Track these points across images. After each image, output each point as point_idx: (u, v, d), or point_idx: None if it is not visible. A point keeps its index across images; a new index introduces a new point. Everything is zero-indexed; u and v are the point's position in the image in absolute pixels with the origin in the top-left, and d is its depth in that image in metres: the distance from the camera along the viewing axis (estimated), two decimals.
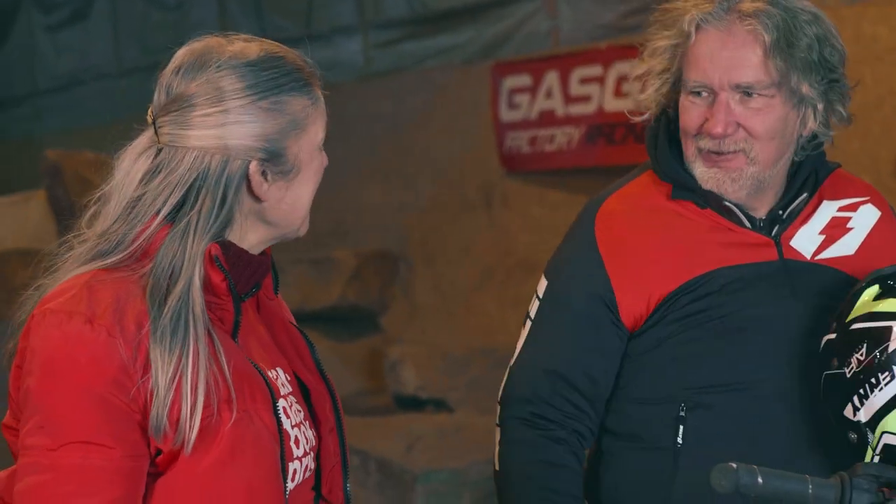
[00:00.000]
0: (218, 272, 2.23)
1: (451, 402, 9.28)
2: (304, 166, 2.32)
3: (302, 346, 2.43)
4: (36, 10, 14.63)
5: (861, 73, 8.43)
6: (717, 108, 2.75)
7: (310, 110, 2.31)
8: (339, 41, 12.17)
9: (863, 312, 2.57)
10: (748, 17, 2.75)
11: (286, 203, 2.32)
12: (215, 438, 2.17)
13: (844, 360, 2.54)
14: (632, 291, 2.79)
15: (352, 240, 11.66)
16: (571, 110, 10.12)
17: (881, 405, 2.48)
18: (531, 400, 2.82)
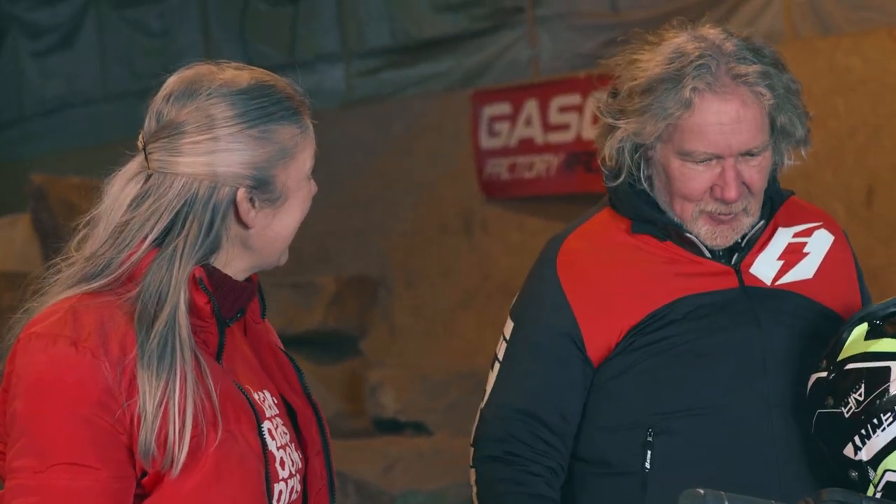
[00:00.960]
0: (202, 295, 2.22)
1: (430, 424, 9.27)
2: (292, 194, 2.31)
3: (289, 369, 2.41)
4: (23, 37, 14.62)
5: (834, 104, 8.48)
6: (729, 174, 2.73)
7: (298, 139, 2.33)
8: (322, 69, 12.18)
9: (856, 352, 2.57)
10: (752, 83, 2.72)
11: (272, 231, 2.31)
12: (200, 459, 2.16)
13: (841, 399, 2.55)
14: (598, 326, 2.79)
15: (334, 264, 11.66)
16: (550, 138, 10.14)
17: (884, 445, 2.49)
18: (504, 439, 2.82)
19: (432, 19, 11.36)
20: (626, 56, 2.83)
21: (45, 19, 14.46)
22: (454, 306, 10.95)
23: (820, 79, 8.44)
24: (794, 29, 8.80)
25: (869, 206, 8.48)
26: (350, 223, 11.68)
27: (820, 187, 8.44)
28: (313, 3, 12.18)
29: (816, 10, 8.74)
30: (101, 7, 13.95)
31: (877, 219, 8.45)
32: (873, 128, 8.44)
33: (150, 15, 13.58)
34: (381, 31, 11.80)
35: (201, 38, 13.12)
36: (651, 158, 2.83)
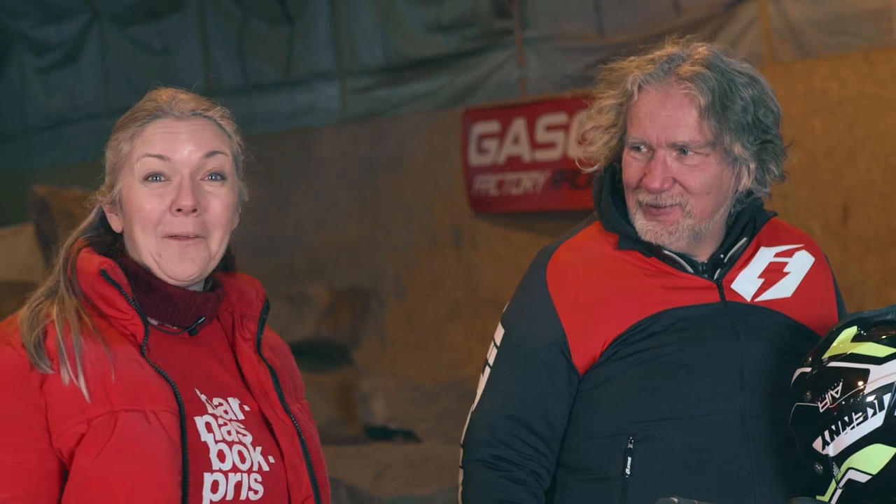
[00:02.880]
0: (109, 287, 2.31)
1: (420, 432, 9.26)
2: (125, 198, 2.38)
3: (269, 386, 2.45)
4: (28, 53, 14.62)
5: (812, 125, 8.50)
6: (655, 164, 2.79)
7: (132, 142, 2.38)
8: (317, 87, 12.19)
9: (841, 352, 2.60)
10: (685, 81, 2.78)
11: (128, 234, 2.39)
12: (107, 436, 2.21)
13: (818, 394, 2.57)
14: (584, 335, 2.82)
15: (327, 277, 11.65)
16: (537, 156, 10.15)
17: (851, 443, 2.51)
18: (491, 443, 2.83)
19: (424, 40, 11.38)
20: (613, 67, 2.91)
21: (49, 36, 14.46)
22: (443, 318, 10.95)
23: (798, 100, 8.46)
24: (774, 52, 8.82)
25: (844, 224, 8.50)
26: (343, 237, 11.68)
27: (797, 204, 8.46)
28: (309, 22, 12.19)
29: (795, 34, 8.76)
30: (104, 25, 13.95)
31: (852, 236, 8.46)
32: (849, 148, 8.46)
33: (151, 33, 13.58)
34: (374, 50, 11.80)
35: (201, 56, 13.12)
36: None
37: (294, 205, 11.95)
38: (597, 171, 2.94)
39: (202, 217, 2.35)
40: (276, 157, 12.22)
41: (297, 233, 11.93)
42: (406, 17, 11.48)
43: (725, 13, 9.18)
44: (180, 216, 2.33)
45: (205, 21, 13.07)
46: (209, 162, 2.36)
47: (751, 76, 2.83)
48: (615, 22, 9.91)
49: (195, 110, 2.39)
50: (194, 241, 2.35)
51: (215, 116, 2.41)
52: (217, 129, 2.40)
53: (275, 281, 11.93)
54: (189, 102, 2.41)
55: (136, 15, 13.60)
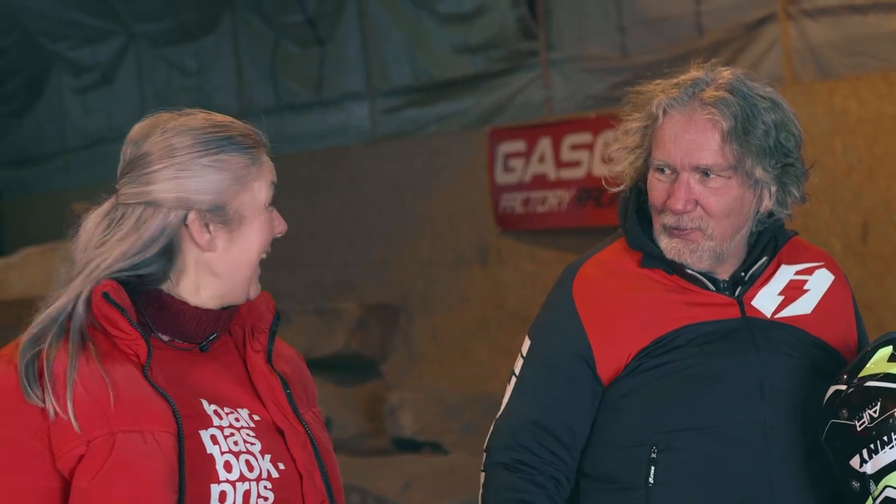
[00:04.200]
0: (111, 308, 2.30)
1: (446, 444, 9.26)
2: (247, 221, 2.37)
3: (280, 395, 2.46)
4: (66, 74, 14.69)
5: (832, 144, 8.48)
6: (678, 186, 2.81)
7: (251, 169, 2.39)
8: (348, 107, 12.22)
9: (879, 371, 2.60)
10: (708, 106, 2.80)
11: (232, 255, 2.37)
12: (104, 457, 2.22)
13: (856, 413, 2.57)
14: (608, 348, 2.83)
15: (357, 292, 11.67)
16: (562, 174, 10.15)
17: (889, 462, 2.52)
18: (513, 447, 2.85)
19: (452, 61, 11.40)
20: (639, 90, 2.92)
21: (87, 58, 14.53)
22: (470, 333, 10.95)
23: (819, 120, 8.44)
24: (795, 73, 8.81)
25: (864, 242, 8.47)
26: (373, 253, 11.69)
27: (818, 223, 8.43)
28: (340, 44, 12.22)
29: (815, 55, 8.74)
30: (140, 47, 14.01)
31: (871, 254, 8.43)
32: (868, 167, 8.43)
33: (186, 54, 13.64)
34: (404, 71, 11.83)
35: (234, 77, 13.16)
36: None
37: (325, 222, 11.97)
38: (622, 191, 2.96)
39: None
40: (307, 175, 12.25)
41: (328, 249, 11.94)
42: (434, 38, 11.50)
43: (747, 35, 9.17)
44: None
45: (238, 43, 13.12)
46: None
47: (773, 101, 2.84)
48: (638, 43, 9.91)
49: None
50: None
51: None
52: None
53: (306, 296, 11.95)
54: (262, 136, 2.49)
55: (171, 37, 13.66)
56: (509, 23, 10.92)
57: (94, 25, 14.19)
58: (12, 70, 15.32)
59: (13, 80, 15.40)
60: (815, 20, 8.80)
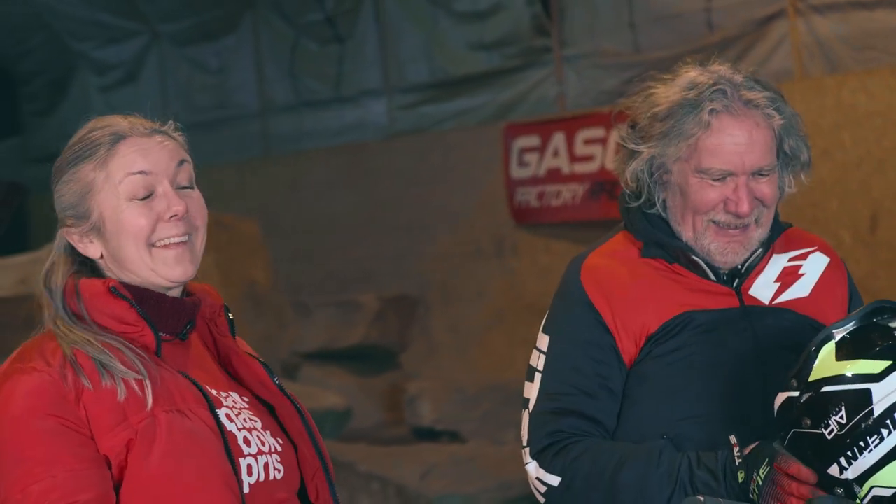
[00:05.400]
0: (119, 301, 2.33)
1: (464, 433, 9.26)
2: (112, 218, 2.37)
3: (261, 373, 2.48)
4: (90, 73, 14.71)
5: (841, 138, 8.47)
6: (742, 190, 2.79)
7: (97, 172, 2.38)
8: (366, 103, 12.22)
9: (831, 374, 2.48)
10: (763, 108, 2.79)
11: (117, 253, 2.38)
12: (155, 437, 2.23)
13: (820, 421, 2.46)
14: (623, 334, 2.84)
15: (375, 285, 11.67)
16: (576, 168, 10.15)
17: (871, 465, 2.41)
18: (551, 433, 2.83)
19: (468, 58, 11.39)
20: (644, 91, 2.88)
21: (111, 57, 14.54)
22: (487, 324, 10.95)
23: (828, 114, 8.42)
24: (804, 68, 8.79)
25: (873, 233, 8.45)
26: (391, 247, 11.70)
27: (827, 214, 8.42)
28: (358, 42, 12.23)
29: (824, 50, 8.73)
30: (162, 46, 14.03)
31: (880, 244, 8.41)
32: (877, 159, 8.42)
33: (207, 53, 13.65)
34: (420, 68, 11.83)
35: (255, 75, 13.17)
36: (666, 182, 2.87)
37: (343, 216, 11.97)
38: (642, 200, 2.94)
39: (187, 219, 2.38)
40: (326, 171, 12.25)
41: (347, 243, 11.94)
42: (450, 36, 11.50)
43: (757, 31, 9.15)
44: (173, 221, 2.36)
45: (259, 42, 13.13)
46: (181, 171, 2.40)
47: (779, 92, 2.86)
48: (650, 40, 9.90)
49: (153, 128, 2.42)
50: (185, 245, 2.38)
51: (169, 131, 2.43)
52: (175, 142, 2.43)
53: (325, 288, 11.96)
54: (145, 122, 2.43)
55: (193, 36, 13.67)
56: (524, 20, 10.91)
57: (118, 25, 14.20)
58: (39, 69, 15.34)
59: (39, 80, 15.42)
60: (824, 15, 8.78)
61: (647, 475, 2.70)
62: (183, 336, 2.42)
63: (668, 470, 2.69)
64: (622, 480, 2.72)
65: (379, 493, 7.27)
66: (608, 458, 2.75)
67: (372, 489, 7.32)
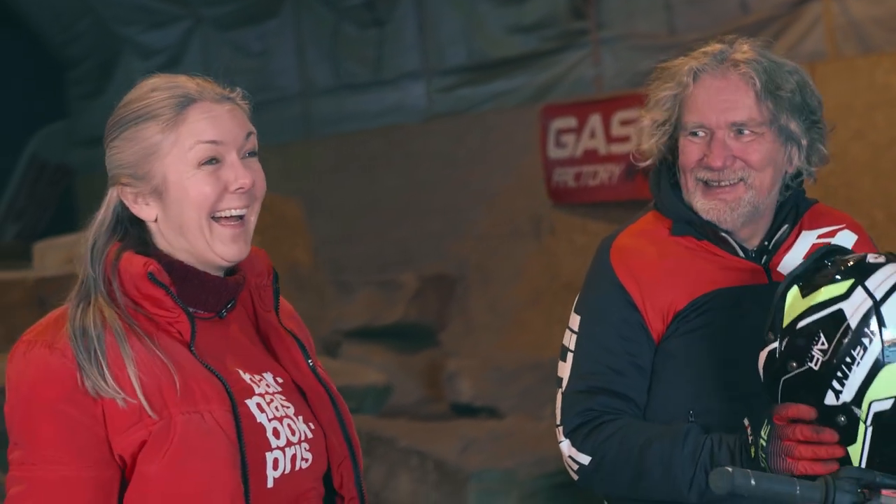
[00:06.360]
0: (156, 288, 2.23)
1: (503, 409, 9.28)
2: (175, 184, 2.27)
3: (296, 353, 2.40)
4: (135, 57, 14.76)
5: (874, 118, 8.42)
6: (715, 144, 2.81)
7: (167, 134, 2.28)
8: (405, 86, 12.23)
9: (801, 311, 2.49)
10: (741, 64, 2.82)
11: (173, 219, 2.28)
12: (167, 438, 2.16)
13: (804, 357, 2.45)
14: (651, 312, 2.84)
15: (415, 264, 11.70)
16: (612, 149, 10.13)
17: (863, 378, 2.41)
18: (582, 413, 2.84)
19: (505, 40, 11.38)
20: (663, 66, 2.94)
21: (155, 41, 14.60)
22: (524, 303, 10.96)
23: (861, 94, 8.38)
24: (837, 49, 8.74)
25: None
26: (430, 227, 11.71)
27: (860, 194, 8.38)
28: (398, 26, 12.23)
29: (858, 31, 8.68)
30: (205, 30, 14.07)
31: None
32: None
33: (250, 37, 13.68)
34: (459, 51, 11.82)
35: (296, 59, 13.20)
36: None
37: (383, 197, 11.99)
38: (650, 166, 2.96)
39: (251, 191, 2.30)
40: (366, 152, 12.27)
41: (387, 223, 11.96)
42: (488, 20, 11.49)
43: (791, 12, 9.11)
44: (237, 193, 2.27)
45: (300, 25, 13.15)
46: (248, 142, 2.31)
47: (794, 66, 2.89)
48: (685, 21, 9.86)
49: (223, 94, 2.31)
50: (241, 224, 2.29)
51: (237, 99, 2.32)
52: (243, 112, 2.32)
53: (365, 268, 11.99)
54: (216, 87, 2.32)
55: (235, 20, 13.71)
56: (560, 3, 10.89)
57: (163, 10, 14.26)
58: (85, 54, 15.42)
59: (86, 64, 15.50)
60: None
61: (673, 455, 2.71)
62: (221, 314, 2.33)
63: (692, 451, 2.70)
64: (649, 461, 2.73)
65: (418, 467, 7.30)
66: (636, 438, 2.75)
67: (411, 464, 7.35)
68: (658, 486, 2.74)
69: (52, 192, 16.17)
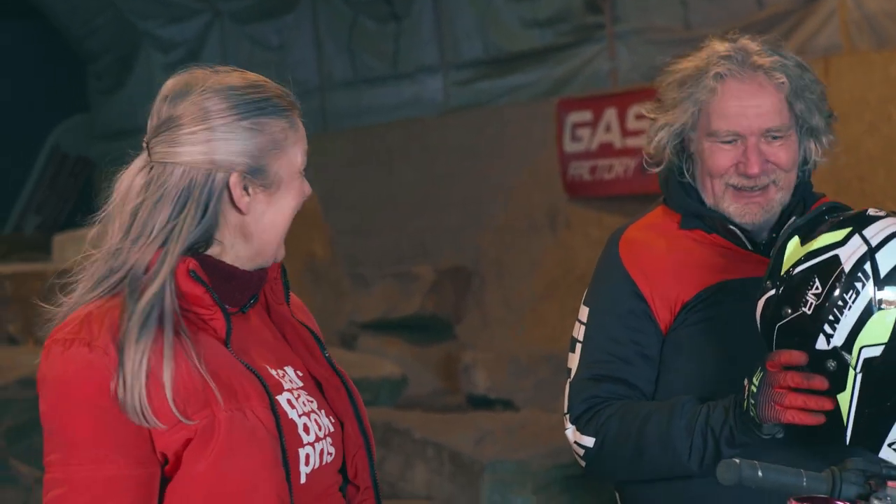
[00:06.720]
0: (197, 285, 2.20)
1: (518, 401, 9.28)
2: (284, 184, 2.26)
3: (312, 345, 2.38)
4: (155, 51, 14.79)
5: (889, 112, 8.40)
6: (751, 151, 2.81)
7: (289, 133, 2.28)
8: (422, 79, 12.23)
9: (798, 258, 2.49)
10: (770, 70, 2.81)
11: (267, 218, 2.25)
12: (212, 438, 2.14)
13: (798, 303, 2.45)
14: (659, 302, 2.85)
15: (431, 257, 11.70)
16: (628, 143, 10.12)
17: (854, 322, 2.40)
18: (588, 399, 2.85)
19: (522, 35, 11.38)
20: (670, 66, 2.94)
21: (174, 35, 14.63)
22: (540, 295, 10.95)
23: (875, 88, 8.36)
24: (852, 43, 8.72)
25: None
26: (447, 220, 11.71)
27: (874, 187, 8.36)
28: (415, 19, 12.23)
29: (872, 25, 8.65)
30: (224, 24, 14.09)
31: None
32: None
33: (268, 30, 13.70)
34: (475, 45, 11.82)
35: (314, 52, 13.20)
36: (692, 153, 2.90)
37: (400, 190, 12.00)
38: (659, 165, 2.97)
39: None
40: (383, 146, 12.28)
41: (404, 216, 11.97)
42: (504, 14, 11.48)
43: (805, 6, 9.09)
44: None
45: (318, 19, 13.16)
46: None
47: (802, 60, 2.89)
48: (700, 16, 9.84)
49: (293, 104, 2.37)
50: None
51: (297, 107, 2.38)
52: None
53: (383, 261, 12.00)
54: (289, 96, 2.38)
55: (254, 14, 13.72)
56: None
57: (182, 4, 14.28)
58: (105, 48, 15.45)
59: (106, 58, 15.53)
60: None
61: (671, 424, 2.72)
62: (244, 309, 2.31)
63: (689, 417, 2.70)
64: (648, 434, 2.74)
65: (434, 458, 7.31)
66: (635, 415, 2.77)
67: (427, 455, 7.35)
68: (659, 459, 2.74)
69: (72, 184, 16.22)
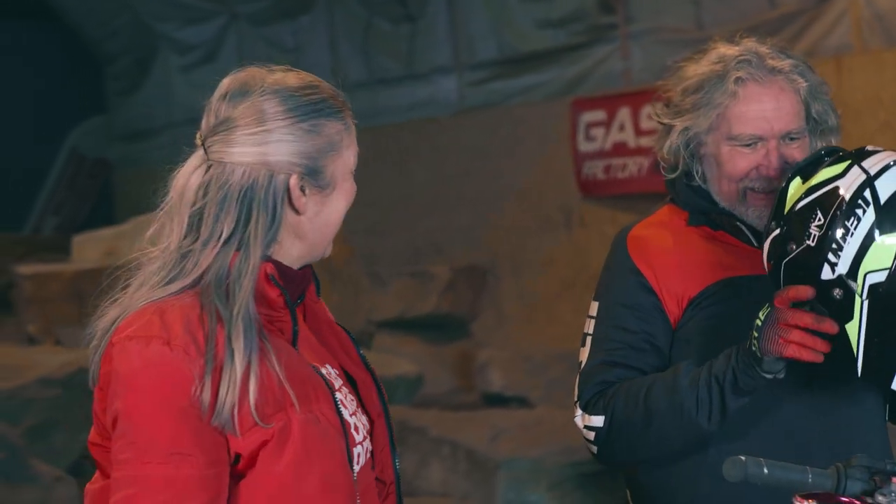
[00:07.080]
0: (274, 288, 2.19)
1: (532, 399, 9.29)
2: (338, 185, 2.28)
3: (347, 342, 2.39)
4: (172, 53, 14.81)
5: None
6: (772, 155, 2.81)
7: (344, 134, 2.29)
8: (436, 80, 12.23)
9: (800, 194, 2.51)
10: (789, 73, 2.82)
11: (321, 218, 2.27)
12: (288, 440, 2.13)
13: (802, 236, 2.47)
14: (667, 296, 2.86)
15: (447, 256, 11.70)
16: (641, 142, 10.11)
17: (857, 248, 2.41)
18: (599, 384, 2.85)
19: (535, 35, 11.38)
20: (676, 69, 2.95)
21: (191, 37, 14.65)
22: (554, 294, 10.95)
23: (888, 87, 8.35)
24: (864, 42, 8.70)
25: None
26: (462, 219, 11.72)
27: None
28: (429, 21, 12.23)
29: (884, 23, 8.64)
30: (240, 26, 14.11)
31: None
32: None
33: (284, 32, 13.71)
34: (489, 45, 11.82)
35: (329, 53, 13.22)
36: (703, 154, 2.90)
37: (415, 190, 12.01)
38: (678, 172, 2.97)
39: None
40: (398, 145, 12.28)
41: (419, 215, 11.98)
42: (518, 14, 11.48)
43: (817, 6, 9.08)
44: None
45: (333, 21, 13.17)
46: None
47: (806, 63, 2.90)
48: (713, 16, 9.84)
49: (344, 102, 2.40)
50: None
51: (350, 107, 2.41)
52: None
53: (398, 260, 12.01)
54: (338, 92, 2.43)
55: (269, 16, 13.74)
56: None
57: (199, 6, 14.30)
58: (122, 50, 15.48)
59: (123, 60, 15.56)
60: None
61: (676, 384, 2.72)
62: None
63: (692, 377, 2.71)
64: (654, 399, 2.75)
65: (449, 456, 7.32)
66: (640, 385, 2.78)
67: (442, 453, 7.36)
68: (669, 423, 2.73)
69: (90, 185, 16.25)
